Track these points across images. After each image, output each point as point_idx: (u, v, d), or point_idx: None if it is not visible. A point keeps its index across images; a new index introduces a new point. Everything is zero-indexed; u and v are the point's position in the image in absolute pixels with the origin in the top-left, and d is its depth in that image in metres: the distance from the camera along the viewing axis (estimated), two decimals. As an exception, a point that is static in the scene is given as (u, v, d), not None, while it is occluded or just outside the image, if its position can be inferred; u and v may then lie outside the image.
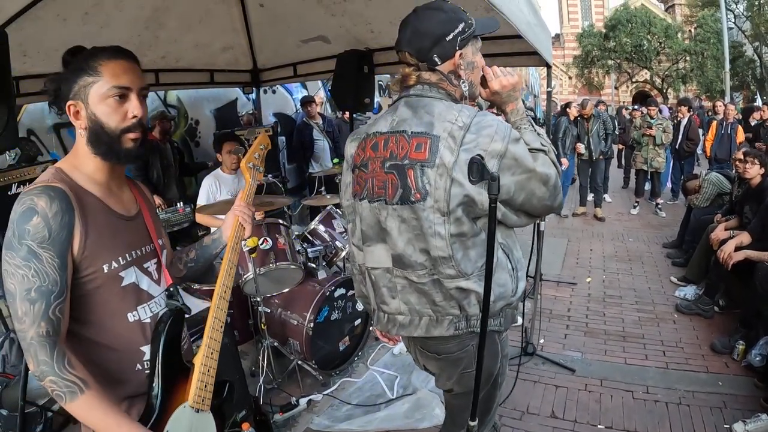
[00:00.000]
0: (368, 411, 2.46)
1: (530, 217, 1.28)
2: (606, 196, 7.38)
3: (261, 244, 2.65)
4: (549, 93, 3.02)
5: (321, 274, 2.94)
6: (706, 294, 3.51)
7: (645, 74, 28.23)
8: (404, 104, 1.25)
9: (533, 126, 1.30)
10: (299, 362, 2.70)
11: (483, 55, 1.30)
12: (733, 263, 3.07)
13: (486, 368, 1.20)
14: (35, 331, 0.90)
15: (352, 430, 2.32)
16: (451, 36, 1.19)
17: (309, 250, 3.02)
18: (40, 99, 2.74)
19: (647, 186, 7.01)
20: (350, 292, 2.83)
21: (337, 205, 3.41)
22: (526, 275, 1.51)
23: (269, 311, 2.77)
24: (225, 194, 3.12)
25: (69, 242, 0.95)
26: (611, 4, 31.08)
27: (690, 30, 25.85)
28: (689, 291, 3.82)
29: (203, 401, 1.06)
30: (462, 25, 1.20)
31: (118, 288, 1.05)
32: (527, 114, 1.32)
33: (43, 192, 0.94)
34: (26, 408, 1.91)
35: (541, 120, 7.48)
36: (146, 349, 1.08)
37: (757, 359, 2.62)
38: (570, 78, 31.53)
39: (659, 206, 6.66)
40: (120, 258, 1.05)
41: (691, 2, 26.11)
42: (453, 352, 1.30)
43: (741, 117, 7.37)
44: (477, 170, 1.00)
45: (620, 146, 8.91)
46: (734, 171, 4.08)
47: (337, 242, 3.18)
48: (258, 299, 2.58)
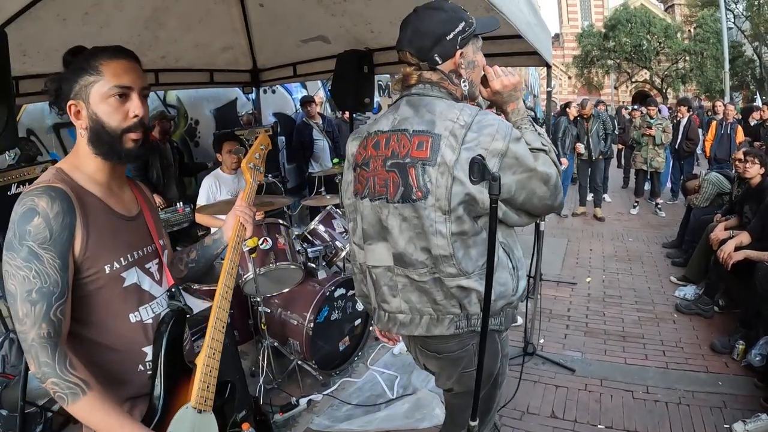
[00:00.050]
0: (368, 411, 2.46)
1: (531, 217, 1.28)
2: (606, 196, 7.38)
3: (261, 244, 2.65)
4: (549, 93, 3.03)
5: (321, 274, 2.94)
6: (706, 294, 3.51)
7: (644, 74, 28.22)
8: (406, 103, 1.25)
9: (534, 126, 1.30)
10: (299, 362, 2.69)
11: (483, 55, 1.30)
12: (733, 263, 3.07)
13: (486, 367, 1.20)
14: (36, 333, 0.90)
15: (352, 430, 2.32)
16: (452, 35, 1.19)
17: (309, 250, 3.02)
18: (40, 99, 2.74)
19: (647, 186, 7.02)
20: (350, 292, 2.83)
21: (337, 205, 3.41)
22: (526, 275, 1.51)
23: (269, 311, 2.77)
24: (225, 194, 3.13)
25: (70, 243, 0.95)
26: (611, 4, 31.09)
27: (689, 30, 25.83)
28: (689, 291, 3.82)
29: (206, 402, 1.06)
30: (462, 24, 1.20)
31: (120, 289, 1.04)
32: (528, 114, 1.32)
33: (44, 192, 0.94)
34: (26, 408, 1.91)
35: (541, 120, 7.48)
36: (148, 350, 1.07)
37: (757, 359, 2.62)
38: (569, 78, 31.52)
39: (659, 206, 6.67)
40: (121, 258, 1.04)
41: (691, 2, 26.09)
42: (453, 351, 1.30)
43: (740, 117, 7.37)
44: (478, 170, 1.00)
45: (620, 146, 8.92)
46: (734, 171, 4.08)
47: (337, 242, 3.18)
48: (258, 299, 2.58)
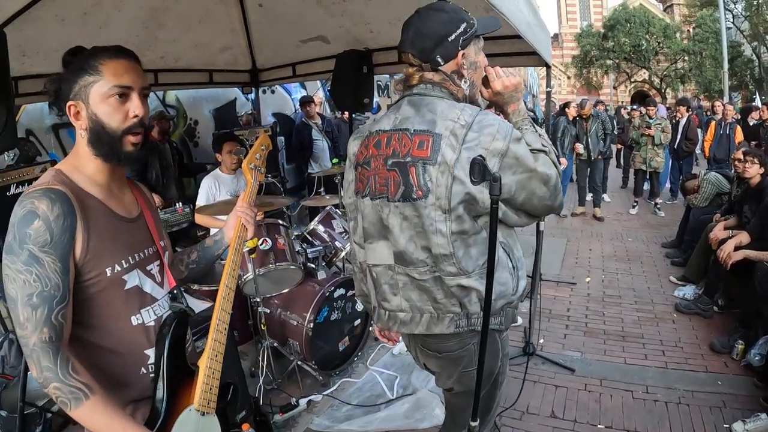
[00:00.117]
0: (368, 411, 2.46)
1: (531, 217, 1.29)
2: (605, 196, 7.39)
3: (260, 245, 2.65)
4: (548, 93, 3.03)
5: (321, 275, 2.94)
6: (706, 294, 3.52)
7: (643, 74, 28.24)
8: (407, 103, 1.25)
9: (534, 127, 1.30)
10: (299, 363, 2.69)
11: (482, 56, 1.30)
12: (733, 263, 3.08)
13: (487, 367, 1.20)
14: (38, 337, 0.88)
15: (352, 431, 2.32)
16: (454, 36, 1.19)
17: (308, 251, 3.01)
18: (39, 99, 2.74)
19: (646, 186, 7.02)
20: (350, 293, 2.83)
21: (337, 206, 3.41)
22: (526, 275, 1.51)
23: (269, 312, 2.76)
24: (224, 194, 3.13)
25: (71, 246, 0.94)
26: (610, 4, 31.12)
27: (688, 30, 25.85)
28: (688, 291, 3.82)
29: (208, 404, 1.05)
30: (464, 25, 1.21)
31: (122, 291, 1.04)
32: (528, 115, 1.32)
33: (44, 195, 0.93)
34: (25, 409, 1.91)
35: (540, 120, 7.49)
36: (150, 353, 1.07)
37: (757, 359, 2.63)
38: (569, 78, 31.54)
39: (658, 206, 6.67)
40: (123, 261, 1.04)
41: (690, 2, 26.10)
42: (454, 351, 1.30)
43: (739, 117, 7.38)
44: (478, 171, 1.00)
45: (619, 146, 8.92)
46: (733, 171, 4.08)
47: (337, 242, 3.18)
48: (258, 300, 2.58)
